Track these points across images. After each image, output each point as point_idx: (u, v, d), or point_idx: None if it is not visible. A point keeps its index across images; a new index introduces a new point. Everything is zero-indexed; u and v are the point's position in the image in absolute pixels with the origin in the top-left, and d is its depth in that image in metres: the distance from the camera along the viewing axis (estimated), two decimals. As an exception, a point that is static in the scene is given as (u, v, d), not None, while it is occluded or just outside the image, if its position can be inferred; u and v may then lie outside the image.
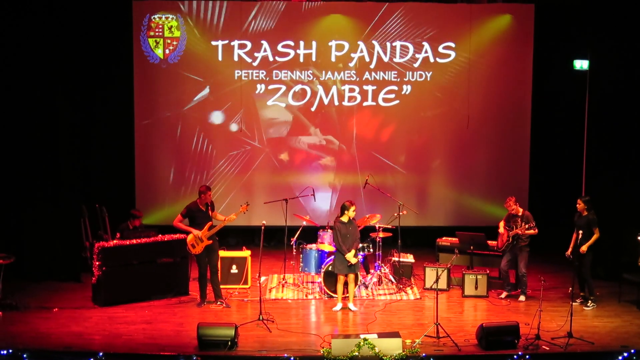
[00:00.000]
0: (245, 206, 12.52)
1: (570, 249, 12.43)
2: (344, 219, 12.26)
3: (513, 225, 12.74)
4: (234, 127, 16.06)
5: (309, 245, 13.60)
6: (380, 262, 13.69)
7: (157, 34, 15.81)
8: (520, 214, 12.79)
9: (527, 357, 10.41)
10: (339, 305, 12.37)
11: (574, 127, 15.20)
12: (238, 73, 15.98)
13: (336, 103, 16.15)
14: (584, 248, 12.25)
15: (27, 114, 13.69)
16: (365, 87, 16.11)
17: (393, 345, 10.23)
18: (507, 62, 16.06)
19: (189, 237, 12.40)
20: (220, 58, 15.95)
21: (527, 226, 12.58)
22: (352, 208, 12.26)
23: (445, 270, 13.24)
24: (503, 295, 13.00)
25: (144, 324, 11.70)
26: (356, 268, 12.37)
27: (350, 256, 12.12)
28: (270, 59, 15.98)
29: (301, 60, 16.02)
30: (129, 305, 12.47)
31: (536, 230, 12.67)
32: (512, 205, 12.79)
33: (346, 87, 16.11)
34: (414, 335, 10.98)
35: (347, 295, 12.47)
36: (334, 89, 16.10)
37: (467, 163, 16.35)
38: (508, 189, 15.58)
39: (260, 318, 11.59)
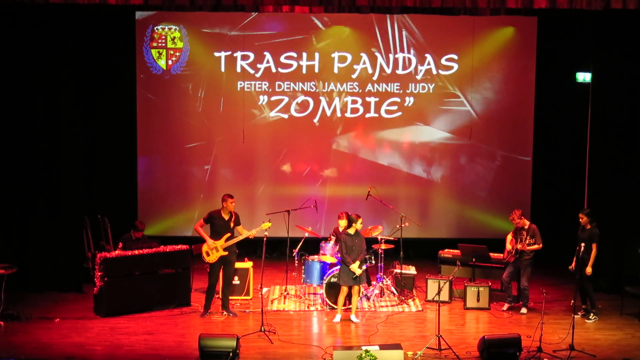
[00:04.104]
0: (267, 224, 12.49)
1: (573, 263, 12.38)
2: (351, 231, 12.28)
3: (520, 238, 12.73)
4: (236, 138, 16.06)
5: (311, 257, 13.59)
6: (382, 273, 13.68)
7: (160, 44, 15.85)
8: (526, 227, 12.77)
9: (529, 369, 10.43)
10: (338, 317, 12.35)
11: (576, 140, 15.19)
12: (241, 84, 16.01)
13: (339, 114, 16.17)
14: (589, 269, 12.24)
15: (28, 124, 13.70)
16: (367, 99, 16.13)
17: (395, 357, 10.21)
18: (510, 74, 16.08)
19: (205, 246, 12.40)
20: (223, 69, 15.99)
21: (528, 242, 12.56)
22: (359, 220, 12.30)
23: (447, 282, 13.22)
24: (505, 307, 12.99)
25: (145, 334, 11.69)
26: (361, 280, 12.35)
27: (354, 267, 12.12)
28: (273, 70, 16.01)
29: (304, 71, 16.04)
30: (130, 316, 12.47)
31: (540, 245, 12.66)
32: (516, 219, 12.76)
33: (349, 99, 16.13)
34: (415, 347, 10.98)
35: (349, 307, 12.47)
36: (336, 101, 16.12)
37: (469, 175, 16.34)
38: (510, 201, 15.59)
39: (262, 329, 11.58)
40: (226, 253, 12.43)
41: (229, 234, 12.42)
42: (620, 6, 12.19)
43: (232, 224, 12.47)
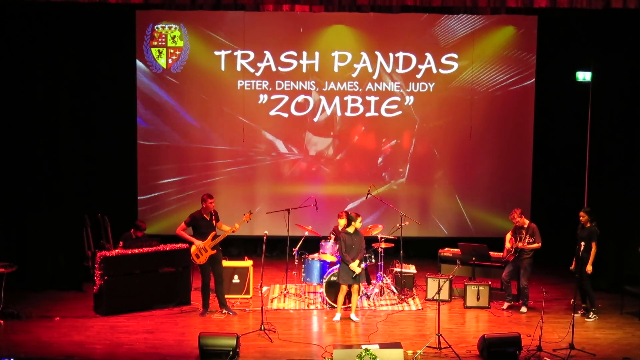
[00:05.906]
0: (248, 215, 12.53)
1: (573, 263, 12.38)
2: (350, 229, 12.28)
3: (519, 237, 12.72)
4: (236, 137, 16.07)
5: (311, 256, 13.58)
6: (382, 272, 13.68)
7: (160, 43, 15.85)
8: (526, 226, 12.77)
9: (529, 368, 10.43)
10: (338, 316, 12.36)
11: (576, 139, 15.19)
12: (241, 83, 16.01)
13: (339, 114, 16.17)
14: (589, 268, 12.25)
15: (29, 123, 13.70)
16: (368, 98, 16.13)
17: (394, 356, 10.18)
18: (510, 73, 16.06)
19: (193, 248, 12.41)
20: (223, 68, 15.99)
21: (527, 240, 12.56)
22: (359, 219, 12.31)
23: (447, 281, 13.23)
24: (504, 306, 12.99)
25: (145, 333, 11.70)
26: (361, 279, 12.36)
27: (354, 266, 12.12)
28: (273, 69, 16.01)
29: (304, 70, 16.04)
30: (130, 314, 12.48)
31: (539, 244, 12.66)
32: (516, 217, 12.77)
33: (349, 98, 16.13)
34: (415, 346, 10.98)
35: (348, 305, 12.47)
36: (336, 100, 16.12)
37: (469, 174, 16.34)
38: (510, 200, 15.60)
39: (262, 328, 11.58)
40: (215, 252, 12.47)
41: (213, 233, 12.47)
42: (620, 5, 12.21)
43: (214, 222, 12.53)
